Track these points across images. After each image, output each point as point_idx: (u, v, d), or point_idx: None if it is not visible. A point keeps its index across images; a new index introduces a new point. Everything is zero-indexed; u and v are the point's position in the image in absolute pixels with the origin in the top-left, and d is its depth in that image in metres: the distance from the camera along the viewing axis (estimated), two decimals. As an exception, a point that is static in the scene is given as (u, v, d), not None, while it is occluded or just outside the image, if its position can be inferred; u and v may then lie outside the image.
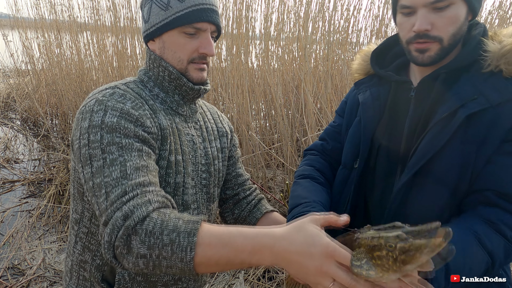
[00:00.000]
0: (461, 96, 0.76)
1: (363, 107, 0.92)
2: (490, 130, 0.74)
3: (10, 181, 3.74)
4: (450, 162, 0.76)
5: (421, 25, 0.76)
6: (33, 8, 5.36)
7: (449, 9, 0.76)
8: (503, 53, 0.75)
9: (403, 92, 0.88)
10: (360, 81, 0.99)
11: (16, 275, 2.40)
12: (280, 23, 4.10)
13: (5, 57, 6.45)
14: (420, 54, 0.80)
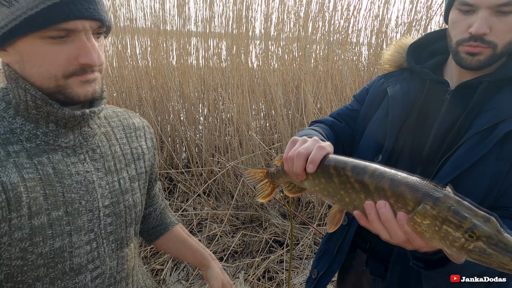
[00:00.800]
0: (502, 110, 0.73)
1: (392, 101, 0.88)
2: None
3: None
4: (482, 177, 0.73)
5: (481, 28, 0.71)
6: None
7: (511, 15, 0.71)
8: None
9: (437, 93, 0.84)
10: (391, 73, 0.94)
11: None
12: (280, 23, 4.11)
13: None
14: (469, 57, 0.76)
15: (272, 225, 2.84)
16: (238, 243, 2.67)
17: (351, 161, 0.65)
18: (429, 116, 0.84)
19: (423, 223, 0.53)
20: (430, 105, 0.84)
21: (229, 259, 2.54)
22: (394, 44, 0.97)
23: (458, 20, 0.76)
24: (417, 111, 0.85)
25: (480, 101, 0.77)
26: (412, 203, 0.55)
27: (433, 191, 0.53)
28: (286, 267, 2.41)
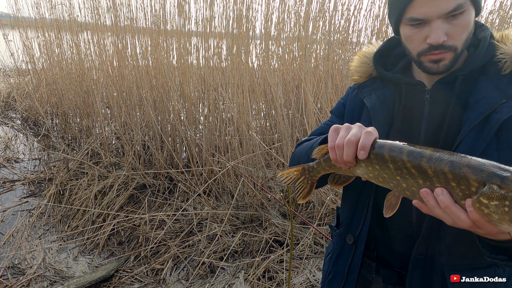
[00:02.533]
0: (490, 100, 0.74)
1: (372, 112, 0.88)
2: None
3: (10, 180, 3.74)
4: None
5: (439, 38, 0.73)
6: (33, 7, 5.36)
7: (462, 16, 0.74)
8: None
9: (416, 95, 0.84)
10: (363, 84, 0.95)
11: (17, 274, 2.40)
12: (281, 22, 4.10)
13: (5, 57, 6.46)
14: (434, 64, 0.78)
15: (272, 225, 2.84)
16: (238, 242, 2.67)
17: (405, 145, 0.64)
18: (414, 118, 0.84)
19: (491, 204, 0.50)
20: (412, 108, 0.85)
21: (229, 259, 2.54)
22: (358, 55, 0.97)
23: (412, 34, 0.78)
24: (400, 117, 0.86)
25: (461, 94, 0.79)
26: (476, 184, 0.53)
27: (499, 170, 0.51)
28: (286, 267, 2.41)
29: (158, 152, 3.63)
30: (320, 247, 2.64)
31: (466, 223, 0.56)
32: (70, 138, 4.81)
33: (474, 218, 0.54)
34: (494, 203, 0.50)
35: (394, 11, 0.80)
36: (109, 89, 4.36)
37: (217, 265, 2.46)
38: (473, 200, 0.53)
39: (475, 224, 0.56)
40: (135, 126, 3.83)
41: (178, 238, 2.70)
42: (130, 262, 2.56)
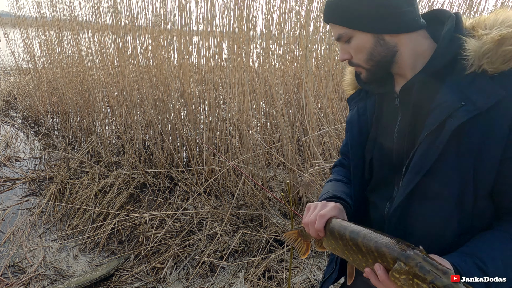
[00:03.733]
0: (447, 104, 0.71)
1: (348, 126, 0.94)
2: (485, 142, 0.69)
3: (11, 179, 3.74)
4: (447, 177, 0.72)
5: (340, 56, 0.85)
6: (34, 6, 5.36)
7: (352, 41, 0.82)
8: (485, 52, 0.69)
9: (390, 103, 0.87)
10: (351, 97, 0.99)
11: (17, 273, 2.40)
12: (281, 22, 4.10)
13: (6, 55, 6.46)
14: (360, 75, 0.87)
15: (272, 224, 2.84)
16: (239, 242, 2.67)
17: (349, 226, 0.76)
18: (388, 128, 0.87)
19: (401, 278, 0.62)
20: (387, 116, 0.88)
21: (229, 258, 2.54)
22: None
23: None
24: (375, 125, 0.90)
25: (419, 101, 0.78)
26: (391, 261, 0.64)
27: (405, 251, 0.63)
28: (286, 266, 2.41)
29: (158, 151, 3.63)
30: (320, 247, 2.65)
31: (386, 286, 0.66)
32: (70, 137, 4.82)
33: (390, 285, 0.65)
34: (403, 277, 0.62)
35: None
36: (109, 88, 4.37)
37: (217, 264, 2.46)
38: (390, 274, 0.65)
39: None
40: (136, 125, 3.84)
41: (178, 237, 2.70)
42: (130, 261, 2.56)
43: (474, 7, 3.60)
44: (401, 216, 0.80)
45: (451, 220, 0.74)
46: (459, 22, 0.77)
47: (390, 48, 0.80)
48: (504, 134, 0.68)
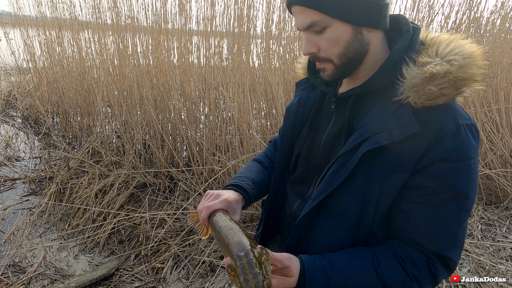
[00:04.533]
0: (368, 127, 0.70)
1: (286, 115, 0.92)
2: (393, 171, 0.69)
3: (11, 179, 3.75)
4: (352, 198, 0.73)
5: (305, 49, 0.74)
6: (34, 6, 5.36)
7: (326, 31, 0.71)
8: (413, 85, 0.67)
9: (328, 104, 0.85)
10: (300, 81, 0.95)
11: (17, 272, 2.41)
12: (282, 21, 4.10)
13: (6, 55, 6.46)
14: (323, 73, 0.77)
15: (272, 224, 2.84)
16: (239, 242, 2.68)
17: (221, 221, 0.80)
18: (321, 126, 0.85)
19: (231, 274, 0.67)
20: (322, 115, 0.85)
21: (229, 258, 2.54)
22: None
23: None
24: (310, 121, 0.87)
25: (351, 117, 0.77)
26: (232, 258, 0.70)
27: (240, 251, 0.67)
28: (286, 266, 2.41)
29: (158, 151, 3.63)
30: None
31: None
32: (70, 137, 4.82)
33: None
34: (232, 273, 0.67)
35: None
36: (110, 87, 4.37)
37: (218, 264, 2.46)
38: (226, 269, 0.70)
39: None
40: (136, 125, 3.84)
41: (178, 237, 2.70)
42: (130, 261, 2.56)
43: (474, 7, 3.60)
44: (307, 226, 0.79)
45: (348, 238, 0.76)
46: (414, 40, 0.73)
47: (364, 45, 0.73)
48: (410, 167, 0.68)
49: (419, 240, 0.71)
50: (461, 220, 0.70)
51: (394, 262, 0.71)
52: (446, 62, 0.66)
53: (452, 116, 0.67)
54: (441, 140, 0.66)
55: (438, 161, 0.67)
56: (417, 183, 0.69)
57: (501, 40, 3.90)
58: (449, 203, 0.68)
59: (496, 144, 3.27)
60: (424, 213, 0.70)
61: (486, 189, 3.43)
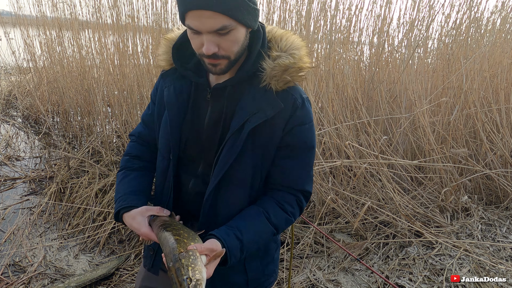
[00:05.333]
0: (246, 111, 0.89)
1: (168, 106, 0.99)
2: (270, 139, 0.92)
3: (11, 178, 3.75)
4: (245, 167, 0.93)
5: (209, 49, 0.82)
6: (34, 5, 5.36)
7: (231, 33, 0.81)
8: (273, 75, 0.89)
9: (202, 92, 0.98)
10: (166, 72, 1.04)
11: (17, 272, 2.41)
12: (282, 21, 4.09)
13: (7, 55, 6.46)
14: (213, 67, 0.88)
15: (272, 224, 2.85)
16: (239, 241, 2.68)
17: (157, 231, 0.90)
18: (201, 113, 0.98)
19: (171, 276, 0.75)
20: (200, 104, 0.99)
21: (229, 258, 2.55)
22: (164, 40, 1.02)
23: (193, 38, 0.85)
24: (192, 108, 0.99)
25: (230, 104, 0.93)
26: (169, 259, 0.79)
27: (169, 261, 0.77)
28: (286, 266, 2.41)
29: (159, 151, 3.63)
30: (321, 247, 2.65)
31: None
32: (71, 136, 4.82)
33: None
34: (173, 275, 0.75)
35: (179, 12, 0.84)
36: (110, 87, 4.37)
37: (218, 263, 2.46)
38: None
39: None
40: (136, 125, 3.84)
41: (178, 236, 2.70)
42: (130, 261, 2.56)
43: (474, 7, 3.60)
44: (213, 200, 0.95)
45: (246, 200, 0.97)
46: (264, 38, 0.92)
47: (246, 43, 0.90)
48: (280, 133, 0.92)
49: (289, 184, 0.97)
50: (311, 163, 1.00)
51: (276, 208, 0.95)
52: (290, 55, 0.89)
53: (298, 93, 0.94)
54: (296, 111, 0.92)
55: (296, 126, 0.93)
56: (285, 143, 0.94)
57: (502, 40, 3.90)
58: (305, 153, 0.97)
59: (496, 144, 3.27)
60: (291, 163, 0.96)
61: (486, 189, 3.44)
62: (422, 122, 3.01)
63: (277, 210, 0.95)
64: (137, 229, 0.94)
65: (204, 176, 0.99)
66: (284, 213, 0.96)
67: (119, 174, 1.09)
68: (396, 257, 2.54)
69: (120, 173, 1.10)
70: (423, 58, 3.84)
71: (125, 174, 1.08)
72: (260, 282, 1.08)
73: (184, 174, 1.03)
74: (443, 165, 2.94)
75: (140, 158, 1.12)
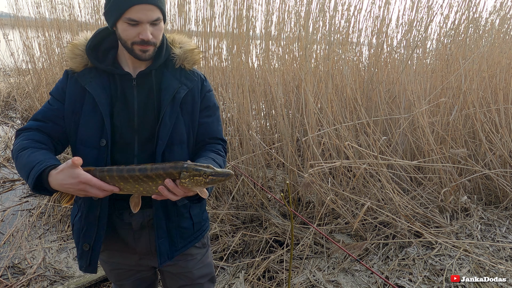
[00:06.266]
0: (173, 87, 1.18)
1: (97, 97, 1.13)
2: (193, 105, 1.23)
3: (10, 180, 3.74)
4: (181, 130, 1.20)
5: (148, 36, 1.09)
6: (33, 7, 5.36)
7: (160, 24, 1.12)
8: (184, 57, 1.24)
9: (126, 82, 1.17)
10: (81, 72, 1.17)
11: (17, 274, 2.40)
12: (281, 22, 4.10)
13: (5, 56, 6.46)
14: (142, 54, 1.12)
15: (272, 225, 2.84)
16: (238, 242, 2.67)
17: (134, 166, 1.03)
18: (128, 99, 1.17)
19: (186, 181, 0.99)
20: (126, 91, 1.17)
21: (229, 259, 2.54)
22: (71, 46, 1.18)
23: (129, 29, 1.08)
24: (120, 98, 1.16)
25: (157, 83, 1.19)
26: (177, 175, 1.00)
27: (181, 165, 1.00)
28: (286, 267, 2.41)
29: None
30: (320, 247, 2.64)
31: (181, 194, 1.01)
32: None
33: (183, 190, 1.00)
34: (187, 179, 0.99)
35: (114, 11, 1.08)
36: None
37: (217, 265, 2.46)
38: (178, 183, 1.00)
39: (185, 193, 1.02)
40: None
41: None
42: (130, 262, 2.56)
43: (473, 7, 3.60)
44: (162, 159, 1.16)
45: (186, 156, 1.23)
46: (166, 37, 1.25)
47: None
48: (198, 99, 1.24)
49: (215, 135, 1.29)
50: (220, 119, 1.34)
51: (216, 155, 1.22)
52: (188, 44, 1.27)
53: (198, 71, 1.29)
54: (204, 82, 1.28)
55: (206, 92, 1.28)
56: (204, 106, 1.27)
57: (500, 41, 3.90)
58: (217, 111, 1.32)
59: (496, 144, 3.28)
60: (211, 119, 1.29)
61: (485, 189, 3.44)
62: (421, 122, 3.01)
63: (217, 156, 1.23)
64: (75, 177, 0.95)
65: (140, 155, 1.17)
66: (221, 157, 1.26)
67: (23, 153, 1.05)
68: (396, 257, 2.54)
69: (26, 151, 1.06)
70: (422, 59, 3.84)
71: (33, 150, 1.06)
72: (201, 226, 1.35)
73: (124, 158, 1.16)
74: (443, 165, 2.94)
75: (46, 144, 1.12)
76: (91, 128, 1.13)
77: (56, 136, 1.16)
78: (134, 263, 1.32)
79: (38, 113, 1.17)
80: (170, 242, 1.24)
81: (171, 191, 1.00)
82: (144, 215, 1.23)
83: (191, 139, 1.24)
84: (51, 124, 1.15)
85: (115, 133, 1.15)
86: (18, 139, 1.12)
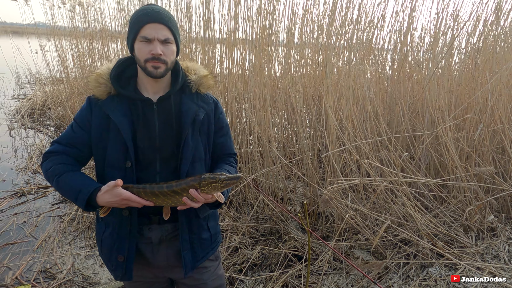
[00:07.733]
0: (192, 110, 1.31)
1: (120, 124, 1.24)
2: (209, 126, 1.36)
3: (43, 186, 3.96)
4: (200, 148, 1.33)
5: (157, 51, 1.19)
6: (68, 19, 5.66)
7: (170, 45, 1.22)
8: (200, 83, 1.36)
9: (147, 106, 1.28)
10: (105, 101, 1.27)
11: (48, 278, 2.55)
12: (304, 35, 4.13)
13: (42, 66, 6.84)
14: (154, 70, 1.21)
15: (291, 238, 2.86)
16: (258, 255, 2.71)
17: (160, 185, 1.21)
18: (150, 122, 1.28)
19: (206, 189, 1.18)
20: (148, 115, 1.28)
21: (248, 272, 2.58)
22: (96, 74, 1.30)
23: (142, 47, 1.20)
24: (142, 121, 1.27)
25: (175, 106, 1.31)
26: (197, 185, 1.18)
27: (200, 177, 1.18)
28: (303, 282, 2.43)
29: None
30: (339, 263, 2.64)
31: (202, 200, 1.18)
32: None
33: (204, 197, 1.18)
34: (206, 187, 1.17)
35: (131, 33, 1.22)
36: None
37: (236, 277, 2.51)
38: (200, 191, 1.18)
39: (205, 199, 1.19)
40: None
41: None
42: (152, 271, 2.65)
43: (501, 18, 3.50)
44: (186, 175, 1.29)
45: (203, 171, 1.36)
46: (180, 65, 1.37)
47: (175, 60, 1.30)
48: (213, 121, 1.38)
49: (228, 152, 1.46)
50: (231, 134, 1.50)
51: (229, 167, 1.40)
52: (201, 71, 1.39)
53: (211, 95, 1.42)
54: (217, 105, 1.41)
55: (220, 114, 1.41)
56: (218, 127, 1.41)
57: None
58: (229, 130, 1.47)
59: (525, 161, 3.15)
60: (225, 138, 1.44)
61: (514, 208, 3.30)
62: (445, 139, 2.95)
63: (230, 168, 1.40)
64: (118, 196, 1.16)
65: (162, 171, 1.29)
66: (233, 167, 1.44)
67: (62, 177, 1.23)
68: (417, 277, 2.49)
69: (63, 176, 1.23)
70: (447, 72, 3.76)
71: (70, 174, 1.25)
72: (216, 237, 1.49)
73: (146, 176, 1.28)
74: (468, 184, 2.87)
75: (75, 166, 1.30)
76: (117, 151, 1.26)
77: (79, 160, 1.32)
78: (151, 275, 1.43)
79: (62, 137, 1.31)
80: (192, 253, 1.37)
81: (194, 199, 1.18)
82: (163, 230, 1.36)
83: (207, 155, 1.38)
84: (75, 150, 1.30)
85: (138, 154, 1.27)
86: (48, 162, 1.28)
